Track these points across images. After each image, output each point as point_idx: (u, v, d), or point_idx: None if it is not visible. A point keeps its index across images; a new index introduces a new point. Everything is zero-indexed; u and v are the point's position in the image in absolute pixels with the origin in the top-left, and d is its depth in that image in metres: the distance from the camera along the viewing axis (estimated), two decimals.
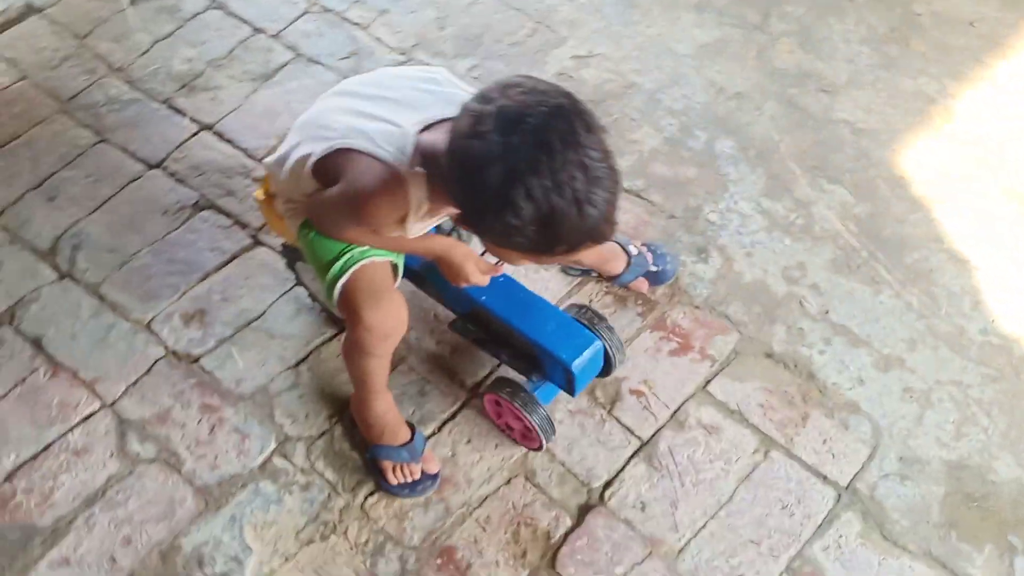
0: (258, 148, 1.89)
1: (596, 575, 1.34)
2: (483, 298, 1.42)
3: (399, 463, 1.41)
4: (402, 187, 1.14)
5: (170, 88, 2.02)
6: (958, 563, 1.34)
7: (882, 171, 1.80)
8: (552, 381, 1.44)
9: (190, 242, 1.76)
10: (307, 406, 1.53)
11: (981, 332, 1.57)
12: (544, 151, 0.98)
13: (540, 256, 1.10)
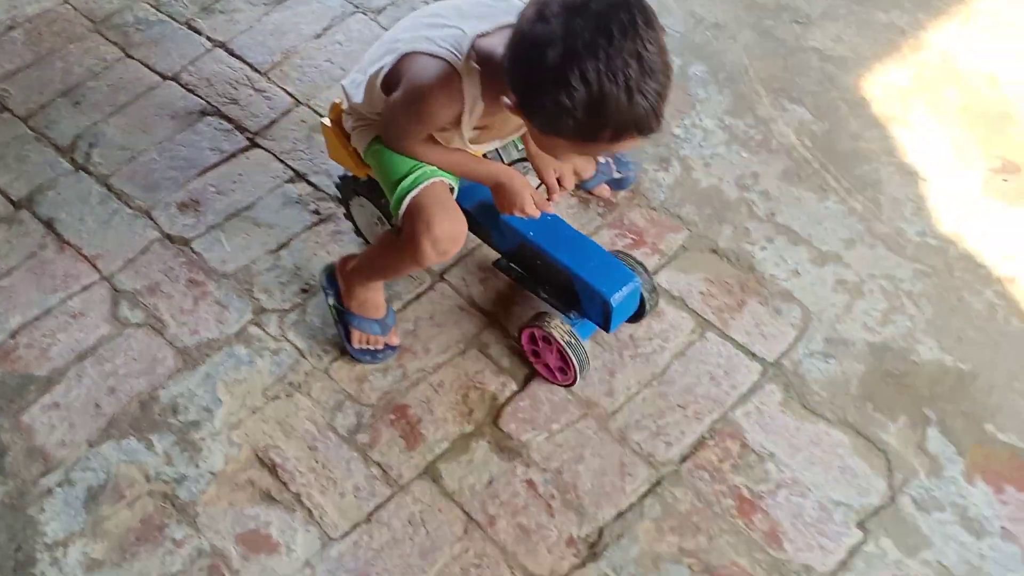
0: (264, 62, 1.94)
1: (534, 430, 1.38)
2: (531, 233, 1.39)
3: (368, 334, 1.45)
4: (456, 81, 1.15)
5: (192, 11, 2.09)
6: (872, 430, 1.34)
7: (844, 94, 1.79)
8: (589, 317, 1.41)
9: (193, 142, 1.83)
10: (283, 284, 1.58)
11: (919, 234, 1.56)
12: (603, 36, 0.98)
13: (585, 143, 1.08)
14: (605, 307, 1.35)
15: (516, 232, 1.41)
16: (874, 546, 1.25)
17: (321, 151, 1.78)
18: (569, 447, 1.37)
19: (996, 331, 1.44)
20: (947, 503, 1.28)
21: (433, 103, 1.17)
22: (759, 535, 1.27)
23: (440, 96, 1.16)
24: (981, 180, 1.63)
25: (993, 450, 1.32)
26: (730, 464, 1.34)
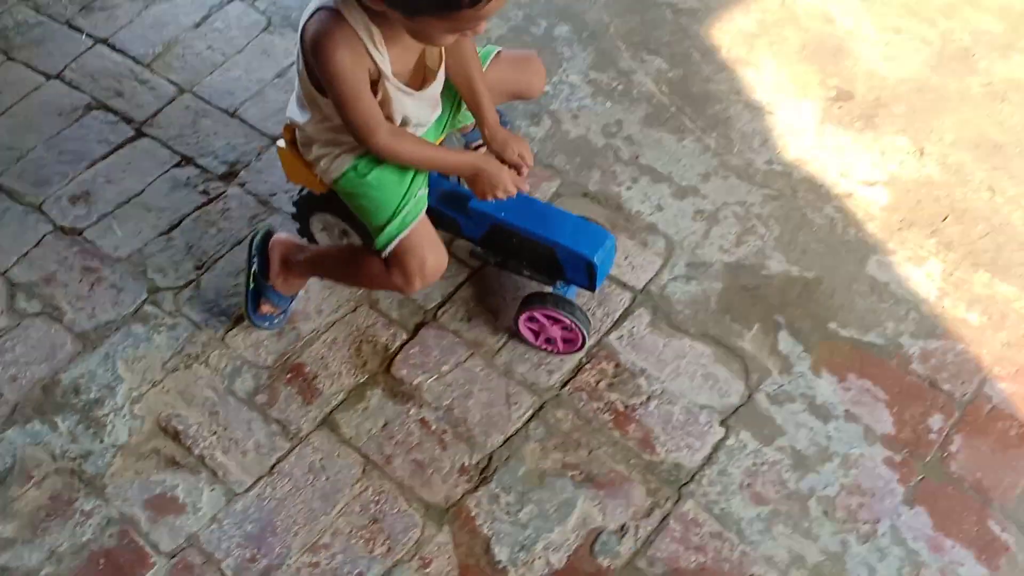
0: (145, 54, 1.93)
1: (424, 373, 1.43)
2: (502, 214, 1.39)
3: (278, 306, 1.46)
4: (340, 18, 1.13)
5: (71, 11, 2.05)
6: (730, 339, 1.43)
7: (696, 42, 1.87)
8: (574, 281, 1.41)
9: (80, 136, 1.80)
10: (176, 263, 1.59)
11: (766, 163, 1.65)
12: None
13: (450, 14, 1.06)
14: (589, 268, 1.36)
15: (487, 216, 1.40)
16: (735, 440, 1.34)
17: (207, 134, 1.78)
18: (458, 385, 1.42)
19: (836, 241, 1.55)
20: (797, 395, 1.38)
21: (337, 49, 1.14)
22: (634, 442, 1.35)
23: (337, 40, 1.14)
24: (820, 109, 1.73)
25: (836, 345, 1.42)
26: (606, 383, 1.41)
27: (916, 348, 1.42)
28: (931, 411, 1.36)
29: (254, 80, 1.85)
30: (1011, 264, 1.51)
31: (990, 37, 1.84)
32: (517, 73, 1.43)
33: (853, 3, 1.91)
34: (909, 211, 1.58)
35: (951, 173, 1.63)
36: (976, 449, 1.32)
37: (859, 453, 1.32)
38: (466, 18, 1.07)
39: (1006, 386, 1.38)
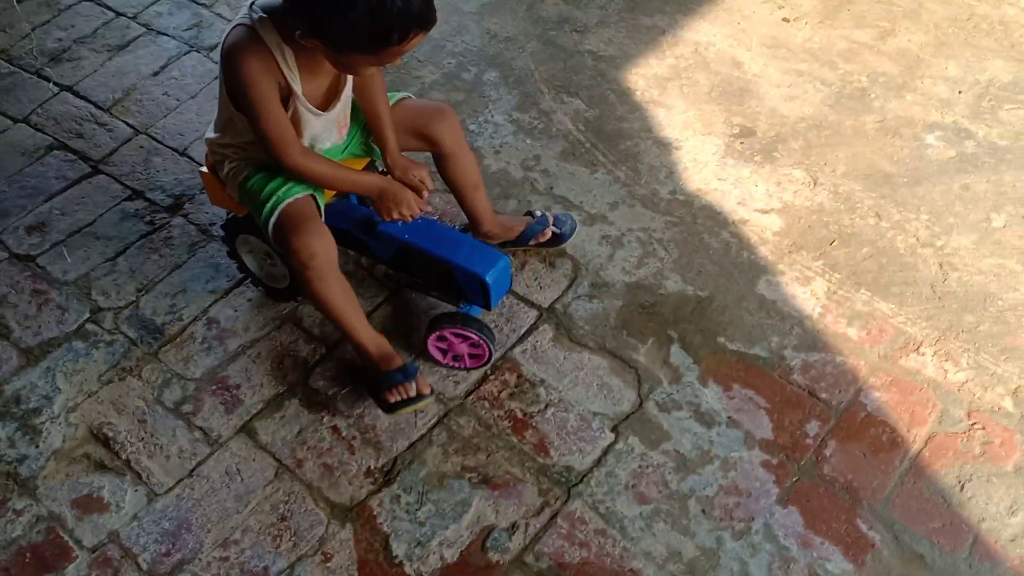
0: (106, 100, 2.11)
1: (340, 386, 1.54)
2: (406, 236, 1.50)
3: (395, 385, 1.45)
4: (254, 35, 1.26)
5: (42, 61, 2.25)
6: (626, 352, 1.56)
7: (613, 85, 2.05)
8: (471, 300, 1.52)
9: (41, 174, 1.97)
10: (119, 286, 1.73)
11: (670, 193, 1.80)
12: None
13: (378, 50, 1.19)
14: (483, 286, 1.47)
15: (393, 238, 1.51)
16: (623, 444, 1.45)
17: (157, 171, 1.95)
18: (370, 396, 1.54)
19: (730, 263, 1.68)
20: (684, 403, 1.49)
21: (247, 58, 1.25)
22: (529, 447, 1.46)
23: (248, 50, 1.25)
24: (723, 145, 1.89)
25: (724, 357, 1.55)
26: (507, 393, 1.53)
27: (798, 360, 1.54)
28: (809, 418, 1.47)
29: (204, 122, 2.03)
30: (891, 283, 1.64)
31: (886, 78, 2.01)
32: (424, 117, 1.54)
33: (760, 50, 2.10)
34: (799, 236, 1.72)
35: (841, 201, 1.77)
36: (849, 453, 1.43)
37: (738, 456, 1.43)
38: (391, 53, 1.21)
39: (880, 395, 1.49)
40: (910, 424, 1.46)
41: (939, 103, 1.97)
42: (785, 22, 2.18)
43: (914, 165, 1.84)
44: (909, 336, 1.57)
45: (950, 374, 1.51)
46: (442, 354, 1.54)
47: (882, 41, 2.11)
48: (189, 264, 1.76)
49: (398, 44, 1.18)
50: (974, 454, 1.43)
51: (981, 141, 1.88)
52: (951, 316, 1.59)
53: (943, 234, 1.71)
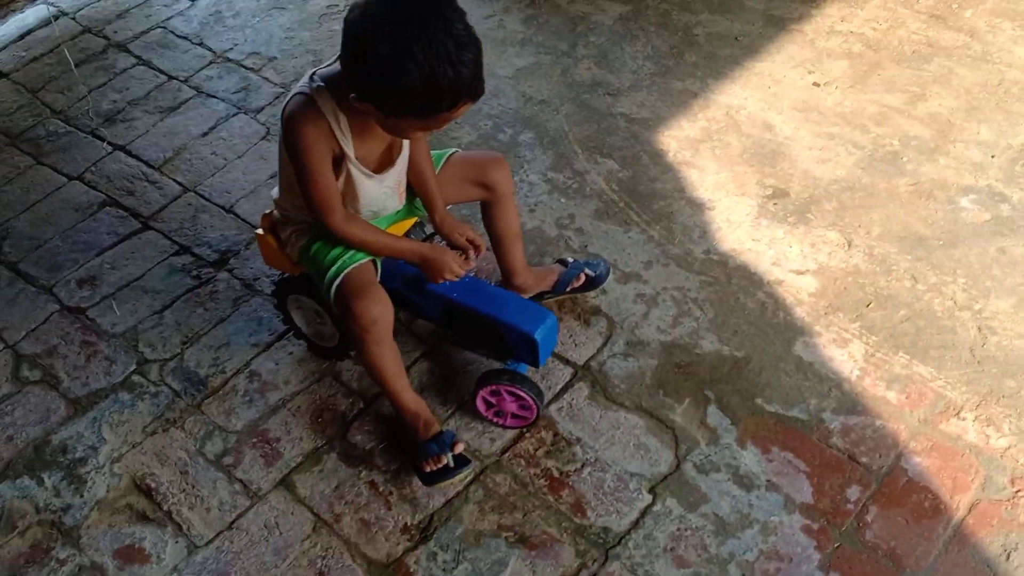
0: (157, 159, 2.23)
1: (377, 440, 1.58)
2: (454, 295, 1.55)
3: (431, 456, 1.48)
4: (311, 102, 1.33)
5: (97, 122, 2.39)
6: (662, 412, 1.58)
7: (646, 147, 2.12)
8: (520, 357, 1.55)
9: (93, 229, 2.08)
10: (165, 338, 1.81)
11: (704, 252, 1.85)
12: (421, 24, 1.18)
13: (429, 117, 1.25)
14: (532, 344, 1.51)
15: (440, 297, 1.57)
16: (661, 506, 1.46)
17: (204, 227, 2.04)
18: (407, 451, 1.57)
19: (765, 323, 1.71)
20: (723, 465, 1.51)
21: (304, 126, 1.32)
22: (566, 507, 1.48)
23: (305, 118, 1.32)
24: (756, 205, 1.94)
25: (762, 419, 1.56)
26: (544, 451, 1.55)
27: (837, 423, 1.55)
28: (849, 482, 1.47)
29: (250, 181, 2.13)
30: (929, 347, 1.65)
31: (918, 142, 2.05)
32: (480, 166, 1.61)
33: (791, 113, 2.16)
34: (835, 297, 1.75)
35: (876, 263, 1.80)
36: (891, 519, 1.42)
37: (779, 520, 1.43)
38: (440, 120, 1.28)
39: (921, 460, 1.49)
40: (953, 490, 1.46)
41: (972, 167, 2.00)
42: (815, 86, 2.25)
43: (949, 228, 1.87)
44: (949, 400, 1.57)
45: (992, 440, 1.51)
46: (487, 407, 1.57)
47: (913, 106, 2.16)
48: (233, 318, 1.83)
49: (447, 111, 1.25)
50: (1020, 522, 1.41)
51: (1016, 205, 1.91)
52: (991, 381, 1.59)
53: (981, 297, 1.73)
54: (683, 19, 2.48)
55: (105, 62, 2.57)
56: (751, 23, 2.46)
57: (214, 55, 2.55)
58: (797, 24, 2.41)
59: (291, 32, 2.58)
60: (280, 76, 2.47)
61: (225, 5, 2.70)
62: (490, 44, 2.52)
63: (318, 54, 2.51)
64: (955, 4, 2.44)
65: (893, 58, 2.28)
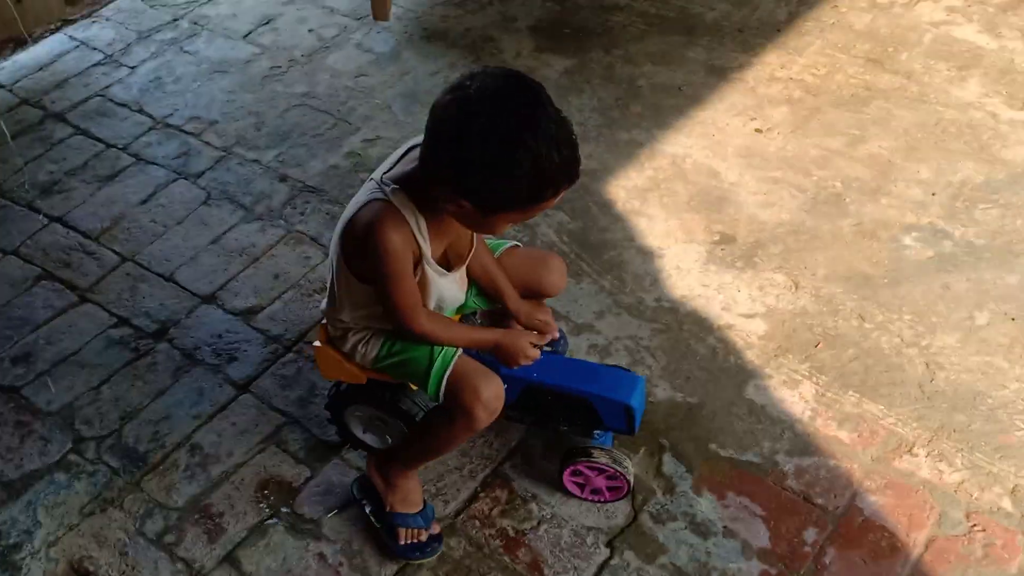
0: (94, 229, 2.29)
1: (325, 509, 1.62)
2: (534, 375, 1.54)
3: (412, 528, 1.54)
4: (390, 206, 1.34)
5: (33, 194, 2.45)
6: None
7: (595, 198, 2.24)
8: (612, 427, 1.55)
9: (27, 304, 2.12)
10: (102, 414, 1.84)
11: (655, 300, 1.95)
12: (526, 115, 1.21)
13: (528, 207, 1.27)
14: (628, 412, 1.52)
15: (519, 380, 1.55)
16: (619, 559, 1.52)
17: (143, 297, 2.09)
18: (360, 518, 1.61)
19: (717, 368, 1.80)
20: (679, 514, 1.57)
21: (390, 232, 1.33)
22: (523, 566, 1.52)
23: (388, 223, 1.33)
24: (705, 251, 2.06)
25: (717, 465, 1.64)
26: (499, 510, 1.60)
27: (791, 465, 1.63)
28: (806, 524, 1.54)
29: (190, 247, 2.20)
30: (879, 384, 1.75)
31: (860, 183, 2.20)
32: (531, 267, 1.65)
33: (735, 159, 2.30)
34: (784, 339, 1.85)
35: (823, 304, 1.91)
36: (849, 560, 1.49)
37: (737, 568, 1.49)
38: (538, 209, 1.30)
39: (876, 498, 1.57)
40: (909, 528, 1.53)
41: (914, 205, 2.15)
42: (758, 132, 2.40)
43: (893, 266, 1.99)
44: (901, 437, 1.66)
45: (945, 475, 1.60)
46: (579, 488, 1.58)
47: (853, 148, 2.32)
48: (173, 390, 1.87)
49: (549, 200, 1.28)
50: (976, 557, 1.49)
51: (958, 241, 2.05)
52: (942, 416, 1.69)
53: (927, 333, 1.84)
54: (627, 71, 2.65)
55: (42, 133, 2.64)
56: (693, 73, 2.63)
57: (154, 121, 2.64)
58: (738, 73, 2.60)
59: (232, 95, 2.70)
60: (221, 139, 2.56)
61: (165, 71, 2.82)
62: None
63: (260, 116, 2.62)
64: (891, 47, 2.65)
65: (832, 102, 2.46)
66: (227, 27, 3.01)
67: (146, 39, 2.98)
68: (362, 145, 2.50)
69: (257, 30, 2.97)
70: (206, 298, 2.08)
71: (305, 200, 2.32)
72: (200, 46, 2.92)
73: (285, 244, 2.20)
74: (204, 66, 2.84)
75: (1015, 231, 2.06)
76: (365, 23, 2.95)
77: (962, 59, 2.56)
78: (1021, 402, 1.71)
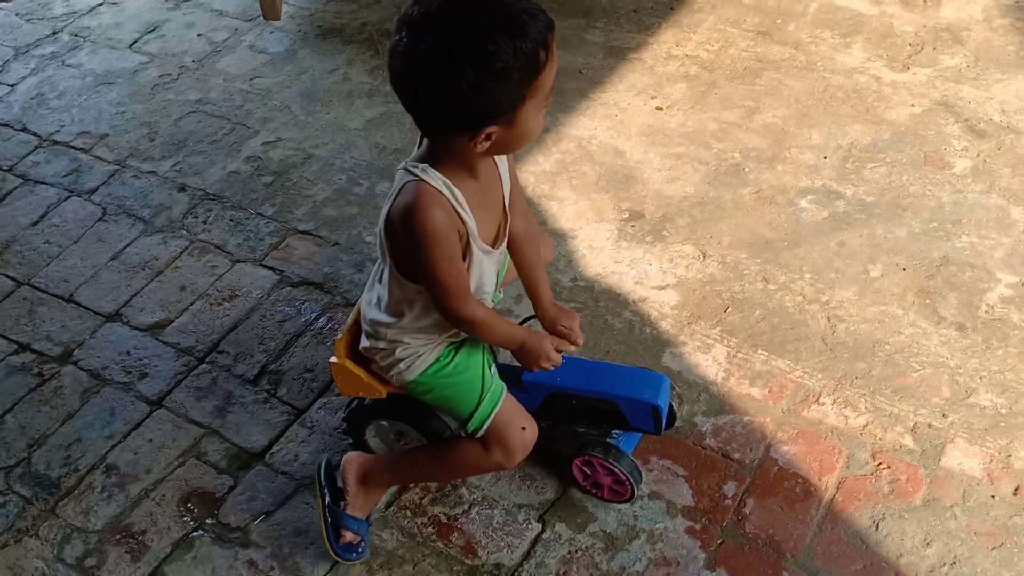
0: None
1: (251, 516, 1.64)
2: (558, 380, 1.57)
3: (355, 532, 1.56)
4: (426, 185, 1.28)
5: None
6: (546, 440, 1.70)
7: None
8: (638, 426, 1.58)
9: None
10: (8, 443, 1.81)
11: (571, 280, 2.04)
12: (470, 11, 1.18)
13: (536, 80, 1.22)
14: (654, 412, 1.55)
15: (543, 386, 1.58)
16: (551, 532, 1.60)
17: (43, 320, 2.06)
18: (288, 522, 1.65)
19: (634, 340, 1.91)
20: None
21: (431, 209, 1.29)
22: (456, 550, 1.59)
23: (427, 198, 1.28)
24: (615, 229, 2.16)
25: None
26: (429, 499, 1.66)
27: (708, 425, 1.74)
28: (725, 479, 1.66)
29: (89, 266, 2.18)
30: (785, 341, 1.88)
31: (757, 152, 2.34)
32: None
33: (639, 138, 2.42)
34: (696, 307, 1.96)
35: (730, 270, 2.04)
36: (767, 508, 1.61)
37: (663, 527, 1.59)
38: (547, 75, 1.25)
39: (789, 448, 1.69)
40: (820, 472, 1.66)
41: (808, 169, 2.30)
42: (659, 110, 2.52)
43: (792, 229, 2.14)
44: (808, 389, 1.79)
45: (851, 420, 1.74)
46: (584, 478, 1.62)
47: (749, 119, 2.47)
48: (82, 412, 1.86)
49: (548, 59, 1.24)
50: (884, 493, 1.63)
51: (850, 200, 2.21)
52: (844, 365, 1.83)
53: (827, 289, 1.99)
54: None
55: None
56: (592, 56, 2.74)
57: (40, 139, 2.59)
58: (636, 53, 2.72)
59: (122, 107, 2.66)
60: (114, 153, 2.53)
61: (47, 87, 2.76)
62: (337, 97, 2.68)
63: (153, 126, 2.60)
64: (779, 19, 2.81)
65: (727, 76, 2.61)
66: (111, 37, 2.97)
67: (24, 55, 2.92)
68: (263, 148, 2.51)
69: (143, 38, 2.95)
70: (110, 316, 2.07)
71: (207, 208, 2.33)
72: (83, 59, 2.88)
73: (189, 255, 2.21)
74: (89, 79, 2.80)
75: (901, 187, 2.24)
76: (256, 24, 2.96)
77: (845, 26, 2.75)
78: (915, 346, 1.88)
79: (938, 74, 2.55)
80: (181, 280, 2.14)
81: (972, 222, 2.12)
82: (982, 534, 1.56)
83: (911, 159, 2.30)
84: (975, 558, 1.54)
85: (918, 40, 2.67)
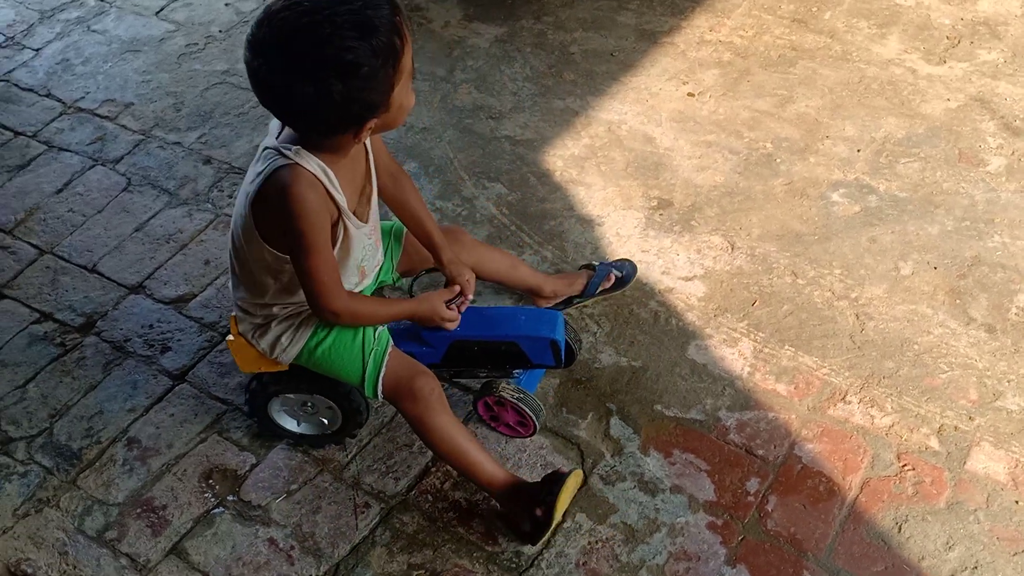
0: (8, 222, 2.23)
1: (273, 495, 1.64)
2: (458, 330, 1.61)
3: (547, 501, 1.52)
4: (298, 168, 1.32)
5: None
6: (567, 429, 1.71)
7: (532, 168, 2.28)
8: (539, 362, 1.63)
9: None
10: (30, 413, 1.81)
11: None
12: (309, 24, 1.21)
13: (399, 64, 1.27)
14: (553, 346, 1.62)
15: (444, 337, 1.62)
16: (571, 522, 1.59)
17: (66, 290, 2.05)
18: (307, 502, 1.65)
19: (659, 331, 1.88)
20: (627, 474, 1.65)
21: (304, 191, 1.32)
22: (476, 536, 1.58)
23: (304, 183, 1.32)
24: (643, 217, 2.13)
25: (662, 424, 1.72)
26: (451, 484, 1.65)
27: (732, 420, 1.72)
28: (748, 475, 1.64)
29: (113, 236, 2.16)
30: (812, 337, 1.85)
31: (789, 143, 2.30)
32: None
33: (669, 124, 2.37)
34: (723, 299, 1.93)
35: (758, 263, 2.01)
36: (790, 506, 1.59)
37: (684, 521, 1.58)
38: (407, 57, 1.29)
39: (813, 446, 1.67)
40: (844, 472, 1.64)
41: (840, 162, 2.26)
42: (690, 96, 2.47)
43: (823, 223, 2.10)
44: (835, 386, 1.77)
45: (876, 419, 1.71)
46: (491, 418, 1.68)
47: (782, 108, 2.42)
48: (104, 384, 1.86)
49: (403, 42, 1.27)
50: (908, 495, 1.61)
51: (883, 195, 2.16)
52: (872, 364, 1.81)
53: (856, 286, 1.96)
54: (559, 38, 2.69)
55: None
56: (624, 38, 2.68)
57: (64, 106, 2.57)
58: (668, 37, 2.66)
59: (148, 75, 2.64)
60: (139, 123, 2.51)
61: (73, 52, 2.73)
62: None
63: (179, 96, 2.57)
64: (815, 7, 2.75)
65: (761, 64, 2.55)
66: (137, 4, 2.93)
67: (49, 19, 2.89)
68: None
69: (170, 6, 2.91)
70: (133, 288, 2.06)
71: (232, 182, 2.30)
72: (109, 24, 2.85)
73: (214, 228, 2.19)
74: (115, 46, 2.77)
75: (935, 183, 2.19)
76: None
77: (882, 16, 2.68)
78: (944, 346, 1.85)
79: (975, 68, 2.49)
80: (206, 254, 2.12)
81: (1005, 222, 2.08)
82: (1005, 539, 1.55)
83: (945, 155, 2.25)
84: (997, 563, 1.52)
85: (955, 33, 2.61)
